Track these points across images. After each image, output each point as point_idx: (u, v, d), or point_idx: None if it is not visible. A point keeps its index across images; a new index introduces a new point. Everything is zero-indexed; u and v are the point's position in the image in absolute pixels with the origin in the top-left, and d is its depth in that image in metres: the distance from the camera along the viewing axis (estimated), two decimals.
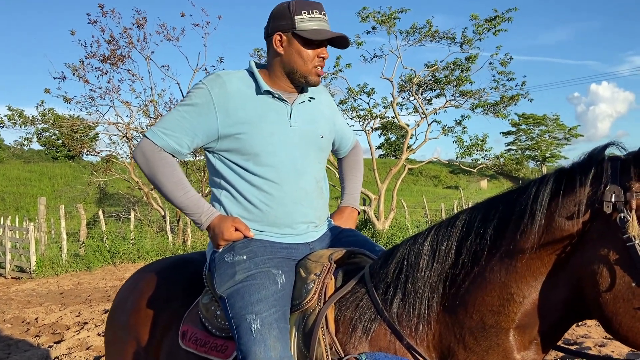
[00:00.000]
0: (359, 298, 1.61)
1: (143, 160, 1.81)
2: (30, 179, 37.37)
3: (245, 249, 1.75)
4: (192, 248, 14.36)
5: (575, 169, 1.36)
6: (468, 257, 1.47)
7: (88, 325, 6.47)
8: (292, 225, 1.83)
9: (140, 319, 2.01)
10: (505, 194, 1.51)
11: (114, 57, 15.23)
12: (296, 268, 1.78)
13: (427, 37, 16.00)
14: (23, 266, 11.98)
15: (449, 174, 53.41)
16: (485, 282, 1.43)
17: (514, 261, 1.40)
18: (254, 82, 1.84)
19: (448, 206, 21.96)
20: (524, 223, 1.37)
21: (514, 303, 1.40)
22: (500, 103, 16.64)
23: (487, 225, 1.45)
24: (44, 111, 17.61)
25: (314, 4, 1.79)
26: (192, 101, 1.78)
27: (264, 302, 1.62)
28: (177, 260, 2.21)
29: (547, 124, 60.47)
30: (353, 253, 1.82)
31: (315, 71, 1.80)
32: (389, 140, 54.27)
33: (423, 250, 1.55)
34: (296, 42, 1.78)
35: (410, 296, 1.52)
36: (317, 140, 1.90)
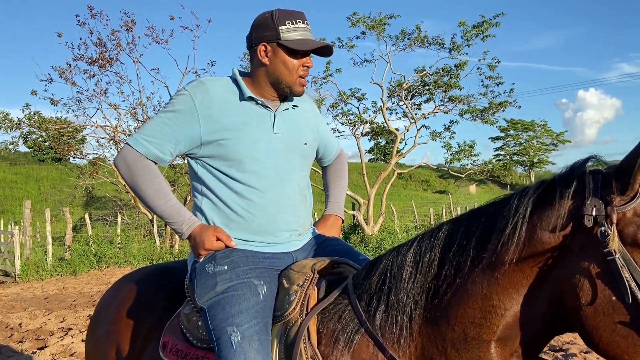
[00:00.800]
0: (341, 309, 1.59)
1: (125, 168, 1.79)
2: (16, 182, 37.00)
3: (226, 259, 1.73)
4: (180, 253, 14.26)
5: (556, 182, 1.36)
6: (450, 268, 1.46)
7: (72, 331, 6.39)
8: (275, 233, 1.81)
9: (120, 329, 1.98)
10: (487, 206, 1.51)
11: (102, 60, 15.13)
12: (279, 278, 1.76)
13: (416, 42, 16.10)
14: (7, 270, 11.82)
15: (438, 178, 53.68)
16: (467, 294, 1.43)
17: (495, 273, 1.39)
18: (238, 89, 1.83)
19: (437, 211, 22.06)
20: (506, 235, 1.37)
21: (495, 315, 1.40)
22: (489, 109, 16.77)
23: (470, 236, 1.45)
24: (30, 114, 17.45)
25: (297, 14, 1.80)
26: (175, 107, 1.77)
27: (245, 314, 1.60)
28: (159, 269, 2.18)
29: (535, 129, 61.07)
30: (336, 263, 1.80)
31: (299, 81, 1.81)
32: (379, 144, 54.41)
33: (406, 261, 1.54)
34: (281, 52, 1.78)
35: (393, 308, 1.52)
36: (301, 148, 1.89)
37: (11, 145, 18.06)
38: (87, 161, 19.67)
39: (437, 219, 19.75)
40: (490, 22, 15.41)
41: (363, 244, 14.82)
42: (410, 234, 16.41)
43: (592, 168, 1.34)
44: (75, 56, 15.18)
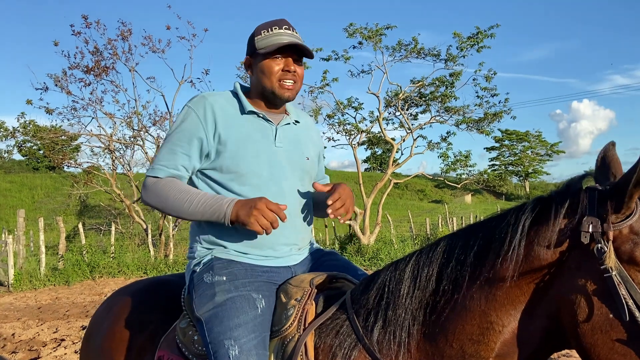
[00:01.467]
0: (339, 325, 1.59)
1: (151, 196, 1.78)
2: (10, 190, 36.81)
3: (225, 270, 1.72)
4: (174, 262, 14.17)
5: (553, 198, 1.37)
6: (449, 284, 1.46)
7: (65, 342, 6.33)
8: (274, 247, 1.80)
9: (114, 344, 1.96)
10: (485, 221, 1.51)
11: (97, 69, 15.13)
12: (277, 292, 1.75)
13: (412, 53, 16.18)
14: (1, 279, 11.74)
15: (434, 188, 53.79)
16: (465, 310, 1.43)
17: (493, 289, 1.39)
18: (238, 103, 1.85)
19: (433, 220, 22.07)
20: (503, 251, 1.37)
21: (493, 332, 1.39)
22: (484, 120, 16.84)
23: (468, 252, 1.44)
24: (25, 123, 17.42)
25: (274, 22, 1.84)
26: (181, 126, 1.79)
27: (243, 328, 1.59)
28: (154, 283, 2.16)
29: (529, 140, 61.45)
30: (335, 277, 1.79)
31: (280, 84, 1.81)
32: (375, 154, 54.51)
33: (404, 276, 1.54)
34: (258, 60, 1.83)
35: (391, 323, 1.51)
36: (302, 162, 1.89)
37: (6, 153, 18.01)
38: (81, 170, 19.61)
39: (433, 228, 19.76)
40: (485, 33, 15.53)
41: (359, 254, 14.79)
42: (407, 244, 16.40)
43: (589, 184, 1.34)
44: (71, 64, 15.20)
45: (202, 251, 1.81)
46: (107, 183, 18.29)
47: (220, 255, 1.77)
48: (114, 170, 17.89)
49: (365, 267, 13.57)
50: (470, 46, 15.70)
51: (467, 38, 15.67)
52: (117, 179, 17.77)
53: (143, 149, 16.90)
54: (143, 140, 16.83)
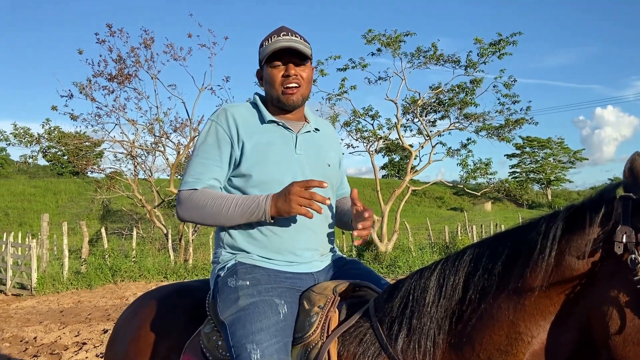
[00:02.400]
0: (362, 332, 1.57)
1: (188, 209, 1.79)
2: (34, 195, 37.48)
3: (248, 275, 1.74)
4: (194, 267, 14.26)
5: (585, 207, 1.33)
6: (475, 293, 1.43)
7: (87, 346, 6.39)
8: (296, 252, 1.80)
9: (139, 349, 1.97)
10: (514, 230, 1.48)
11: (121, 76, 15.35)
12: (300, 299, 1.75)
13: (431, 60, 16.09)
14: (24, 283, 11.91)
15: (453, 195, 53.31)
16: (492, 319, 1.40)
17: (522, 299, 1.36)
18: (258, 113, 1.88)
19: (452, 228, 21.84)
20: (533, 260, 1.35)
21: (522, 342, 1.36)
22: (505, 127, 16.65)
23: (496, 261, 1.42)
24: (50, 129, 17.72)
25: (276, 30, 1.88)
26: (207, 140, 1.82)
27: (265, 332, 1.59)
28: (179, 288, 2.17)
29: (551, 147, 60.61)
30: (358, 286, 1.79)
31: (284, 90, 1.84)
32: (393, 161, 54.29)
33: (429, 285, 1.52)
34: (264, 71, 1.87)
35: (415, 332, 1.49)
36: (324, 169, 1.91)
37: (30, 159, 18.36)
38: (104, 175, 19.89)
39: (452, 236, 19.55)
40: (507, 40, 15.38)
41: (377, 262, 14.71)
42: (425, 252, 16.26)
43: (623, 193, 1.30)
44: (95, 72, 15.45)
45: (226, 256, 1.83)
46: (129, 188, 18.51)
47: (244, 260, 1.78)
48: (135, 175, 18.10)
49: (382, 274, 13.49)
50: (492, 53, 15.55)
51: (488, 45, 15.54)
52: (138, 185, 17.98)
53: (164, 155, 17.09)
54: (164, 146, 17.03)
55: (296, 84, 1.84)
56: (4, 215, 32.77)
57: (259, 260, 1.78)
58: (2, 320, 8.66)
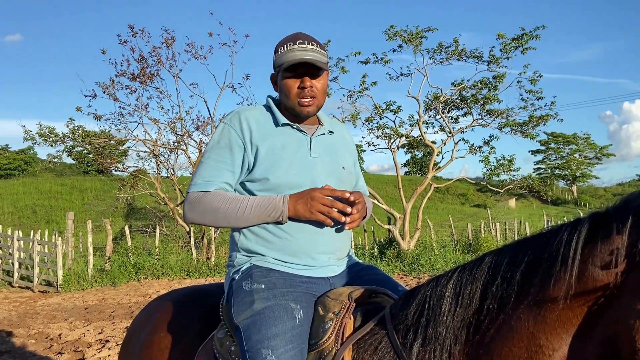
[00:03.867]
0: (378, 340, 1.54)
1: (198, 211, 1.77)
2: (61, 192, 38.22)
3: (264, 278, 1.71)
4: (216, 265, 14.36)
5: (610, 215, 1.27)
6: (494, 302, 1.39)
7: (109, 344, 6.48)
8: (313, 255, 1.78)
9: (153, 352, 1.97)
10: (534, 237, 1.43)
11: (143, 76, 15.52)
12: (315, 305, 1.73)
13: (453, 55, 15.89)
14: (50, 280, 12.15)
15: (476, 192, 52.68)
16: (512, 331, 1.35)
17: (543, 310, 1.31)
18: (272, 116, 1.86)
19: (475, 225, 21.58)
20: (555, 270, 1.29)
21: (542, 356, 1.31)
22: (529, 123, 16.36)
23: (515, 270, 1.37)
24: (74, 128, 18.02)
25: (290, 37, 1.84)
26: (220, 143, 1.80)
27: (281, 337, 1.57)
28: (193, 292, 2.16)
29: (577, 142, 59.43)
30: (374, 292, 1.76)
31: (298, 102, 1.81)
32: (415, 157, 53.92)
33: (446, 293, 1.47)
34: (280, 78, 1.84)
35: (431, 341, 1.45)
36: (339, 172, 1.88)
37: (55, 158, 18.67)
38: (128, 173, 20.16)
39: (475, 233, 19.30)
40: (530, 34, 15.10)
41: (399, 259, 14.60)
42: (447, 249, 16.09)
43: None
44: (117, 72, 15.65)
45: (241, 259, 1.81)
46: (152, 186, 18.74)
47: (259, 264, 1.76)
48: (158, 174, 18.31)
49: (404, 272, 13.40)
50: (515, 48, 15.29)
51: (511, 39, 15.28)
52: (161, 183, 18.18)
53: (186, 154, 17.25)
54: (186, 144, 17.19)
55: (311, 96, 1.82)
56: (32, 213, 33.50)
57: (274, 264, 1.76)
58: (29, 316, 8.84)
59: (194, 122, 16.98)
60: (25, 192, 37.60)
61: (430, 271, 13.18)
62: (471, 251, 16.41)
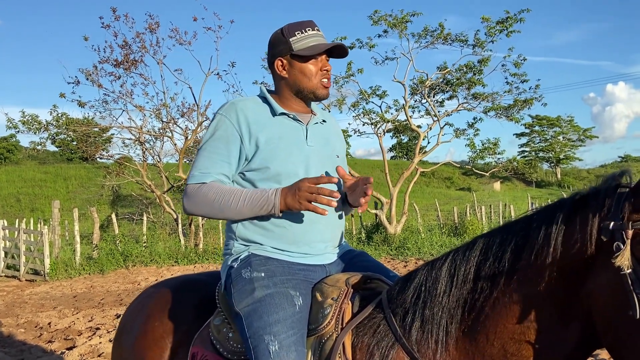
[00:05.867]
0: (376, 324, 1.58)
1: (196, 202, 1.77)
2: (45, 180, 37.80)
3: (263, 266, 1.74)
4: (204, 251, 14.36)
5: (587, 197, 1.35)
6: (487, 281, 1.44)
7: (100, 331, 6.48)
8: (310, 243, 1.81)
9: (147, 343, 1.97)
10: (522, 219, 1.49)
11: (127, 62, 15.31)
12: (312, 291, 1.75)
13: (439, 39, 15.89)
14: (37, 269, 12.08)
15: (462, 175, 53.12)
16: (505, 308, 1.41)
17: (532, 288, 1.38)
18: (268, 106, 1.87)
19: (461, 209, 21.80)
20: (539, 251, 1.36)
21: (533, 330, 1.38)
22: (514, 106, 16.48)
23: (505, 250, 1.43)
24: (58, 115, 17.77)
25: (305, 23, 1.86)
26: (216, 134, 1.80)
27: (282, 324, 1.60)
28: (186, 281, 2.17)
29: (561, 125, 60.07)
30: (369, 278, 1.79)
31: (321, 84, 1.86)
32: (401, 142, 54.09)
33: (441, 275, 1.52)
34: (296, 62, 1.85)
35: (428, 322, 1.50)
36: (334, 160, 1.92)
37: (39, 146, 18.42)
38: (113, 161, 19.97)
39: (461, 217, 19.50)
40: (514, 17, 15.14)
41: (386, 244, 14.73)
42: (434, 233, 16.25)
43: (623, 182, 1.32)
44: (101, 59, 15.41)
45: (239, 248, 1.82)
46: (138, 174, 18.60)
47: (258, 252, 1.78)
48: (144, 161, 18.17)
49: (391, 256, 13.52)
50: (500, 31, 15.33)
51: (495, 23, 15.31)
52: (147, 170, 18.05)
53: (172, 140, 17.12)
54: (172, 131, 17.05)
55: (328, 79, 1.88)
56: (15, 202, 33.13)
57: (272, 252, 1.78)
58: (17, 306, 8.79)
59: (179, 108, 16.84)
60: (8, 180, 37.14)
61: (417, 254, 13.32)
62: (457, 234, 16.58)
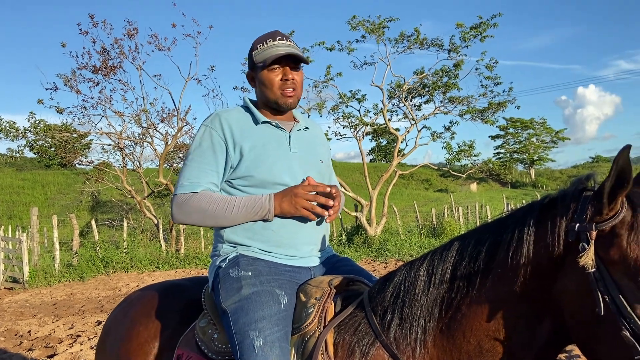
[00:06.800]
0: (357, 322, 1.61)
1: (187, 212, 1.79)
2: (23, 187, 37.08)
3: (250, 266, 1.77)
4: (186, 256, 14.23)
5: (554, 201, 1.40)
6: (463, 281, 1.48)
7: (81, 338, 6.38)
8: (296, 246, 1.84)
9: (132, 348, 1.96)
10: (496, 221, 1.53)
11: (105, 68, 15.14)
12: (297, 292, 1.78)
13: (415, 44, 16.07)
14: (16, 276, 11.83)
15: (440, 177, 53.59)
16: (481, 306, 1.44)
17: (506, 287, 1.41)
18: (250, 115, 1.91)
19: (439, 210, 22.00)
20: (513, 251, 1.40)
21: (508, 328, 1.41)
22: (488, 109, 16.73)
23: (480, 251, 1.47)
24: (35, 122, 17.49)
25: (269, 34, 1.91)
26: (203, 144, 1.83)
27: (268, 320, 1.63)
28: (168, 287, 2.16)
29: (534, 127, 61.09)
30: (352, 280, 1.83)
31: (283, 93, 1.88)
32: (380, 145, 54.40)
33: (419, 275, 1.56)
34: (258, 74, 1.90)
35: (407, 320, 1.53)
36: (317, 165, 1.95)
37: (17, 153, 18.10)
38: (92, 167, 19.70)
39: (439, 218, 19.67)
40: (487, 23, 15.38)
41: (366, 245, 14.79)
42: (413, 234, 16.36)
43: (589, 186, 1.38)
44: (79, 65, 15.21)
45: (227, 249, 1.85)
46: (118, 179, 18.40)
47: (245, 253, 1.81)
48: (124, 166, 17.97)
49: (372, 257, 13.57)
50: (474, 36, 15.56)
51: (469, 28, 15.53)
52: (127, 175, 17.85)
53: (152, 146, 16.98)
54: (152, 137, 16.89)
55: (293, 88, 1.89)
56: None
57: (259, 253, 1.81)
58: None
59: (158, 114, 16.71)
60: None
61: (397, 256, 13.40)
62: (435, 235, 16.73)
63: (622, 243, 1.25)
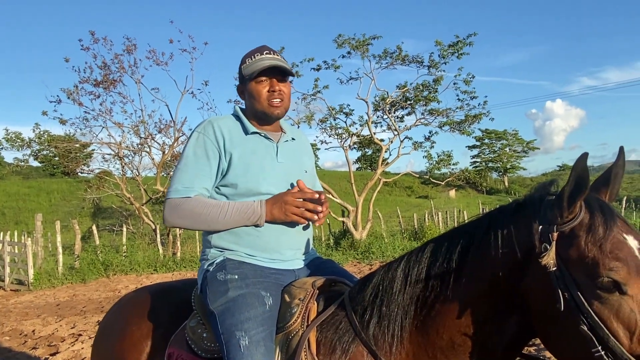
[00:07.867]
0: (338, 321, 1.61)
1: (180, 216, 1.76)
2: (28, 194, 36.62)
3: (236, 269, 1.75)
4: (182, 260, 14.12)
5: (522, 205, 1.42)
6: (437, 281, 1.49)
7: (82, 337, 6.31)
8: (281, 250, 1.83)
9: (125, 345, 1.95)
10: (468, 224, 1.54)
11: (106, 82, 15.06)
12: (281, 293, 1.77)
13: (397, 60, 16.17)
14: (21, 279, 11.67)
15: (421, 184, 53.75)
16: (453, 304, 1.46)
17: (476, 286, 1.43)
18: (241, 125, 1.89)
19: (420, 215, 22.08)
20: (481, 253, 1.42)
21: (478, 323, 1.43)
22: (465, 121, 16.86)
23: (452, 252, 1.48)
24: (40, 133, 17.34)
25: (257, 49, 1.89)
26: (197, 150, 1.80)
27: (253, 321, 1.62)
28: (161, 288, 2.15)
29: (507, 138, 61.69)
30: (334, 281, 1.83)
31: (269, 104, 1.86)
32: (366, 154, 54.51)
33: (396, 275, 1.56)
34: (247, 86, 1.88)
35: (385, 318, 1.54)
36: (302, 175, 1.92)
37: (22, 162, 17.90)
38: (93, 175, 19.53)
39: (420, 222, 19.74)
40: (464, 41, 15.54)
41: (352, 249, 14.78)
42: (396, 238, 16.39)
43: (552, 191, 1.40)
44: (81, 79, 15.12)
45: (214, 253, 1.83)
46: (117, 187, 18.24)
47: (232, 257, 1.80)
48: (123, 175, 17.84)
49: (358, 260, 13.57)
50: (452, 54, 15.70)
51: (447, 46, 15.68)
52: (126, 183, 17.72)
53: (150, 155, 16.87)
54: (150, 147, 16.81)
55: (280, 99, 1.86)
56: (0, 215, 31.96)
57: (245, 257, 1.80)
58: (2, 314, 8.48)
59: (156, 125, 16.63)
60: None
61: (381, 258, 13.42)
62: (417, 238, 16.78)
63: (581, 243, 1.27)
